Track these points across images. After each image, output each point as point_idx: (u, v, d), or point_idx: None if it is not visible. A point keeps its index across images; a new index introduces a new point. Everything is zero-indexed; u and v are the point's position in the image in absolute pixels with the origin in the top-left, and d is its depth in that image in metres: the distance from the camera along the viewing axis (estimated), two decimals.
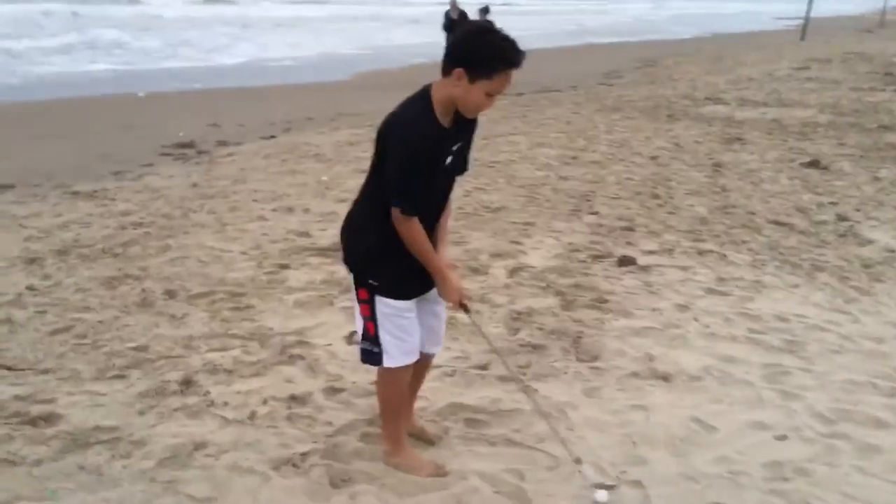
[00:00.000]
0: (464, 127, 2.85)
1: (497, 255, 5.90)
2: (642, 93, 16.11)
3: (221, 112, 12.97)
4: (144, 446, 3.32)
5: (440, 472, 3.20)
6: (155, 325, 4.56)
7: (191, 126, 11.75)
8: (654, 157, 9.61)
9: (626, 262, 5.80)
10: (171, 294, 5.02)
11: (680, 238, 6.44)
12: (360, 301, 2.97)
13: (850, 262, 5.91)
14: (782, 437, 3.56)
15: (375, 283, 2.91)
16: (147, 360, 4.11)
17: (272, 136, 11.13)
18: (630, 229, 6.66)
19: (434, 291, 3.02)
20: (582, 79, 18.18)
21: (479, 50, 2.61)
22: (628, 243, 6.29)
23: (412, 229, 2.79)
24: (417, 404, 3.56)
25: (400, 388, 3.15)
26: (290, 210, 7.07)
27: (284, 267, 5.58)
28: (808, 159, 9.40)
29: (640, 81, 18.62)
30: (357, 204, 3.00)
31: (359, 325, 3.04)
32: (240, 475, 3.16)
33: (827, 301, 5.19)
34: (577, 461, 3.07)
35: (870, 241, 6.39)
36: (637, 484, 3.18)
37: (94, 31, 27.62)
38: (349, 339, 4.43)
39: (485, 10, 17.09)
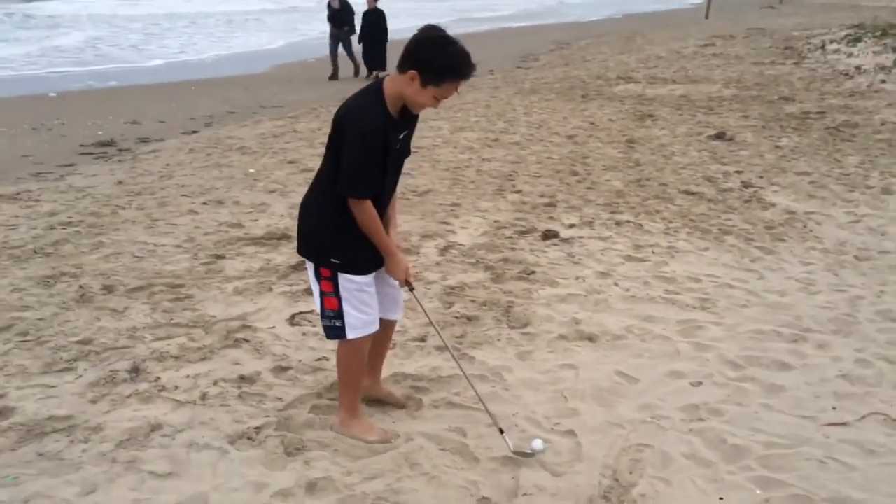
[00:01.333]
0: (409, 118, 3.13)
1: (427, 236, 6.13)
2: (557, 74, 16.53)
3: (140, 109, 12.76)
4: (101, 431, 3.43)
5: (388, 437, 3.42)
6: (96, 319, 4.62)
7: (110, 124, 11.55)
8: (571, 136, 9.99)
9: (549, 235, 6.12)
10: (109, 289, 5.06)
11: (599, 211, 6.80)
12: (322, 278, 3.17)
13: (755, 224, 6.37)
14: (697, 384, 3.92)
15: (337, 261, 3.11)
16: (93, 351, 4.18)
17: (194, 131, 11.02)
18: (552, 205, 6.98)
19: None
20: (499, 63, 18.49)
21: (435, 59, 2.86)
22: (551, 218, 6.61)
23: (366, 211, 3.03)
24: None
25: (360, 359, 3.36)
26: (221, 203, 7.12)
27: (220, 257, 5.67)
28: (714, 132, 9.95)
29: (555, 63, 19.06)
30: (312, 189, 3.21)
31: (318, 304, 3.24)
32: (197, 451, 3.31)
33: (734, 261, 5.62)
34: (501, 431, 3.33)
35: (772, 205, 6.88)
36: (570, 433, 3.48)
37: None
38: (291, 320, 4.60)
39: None
